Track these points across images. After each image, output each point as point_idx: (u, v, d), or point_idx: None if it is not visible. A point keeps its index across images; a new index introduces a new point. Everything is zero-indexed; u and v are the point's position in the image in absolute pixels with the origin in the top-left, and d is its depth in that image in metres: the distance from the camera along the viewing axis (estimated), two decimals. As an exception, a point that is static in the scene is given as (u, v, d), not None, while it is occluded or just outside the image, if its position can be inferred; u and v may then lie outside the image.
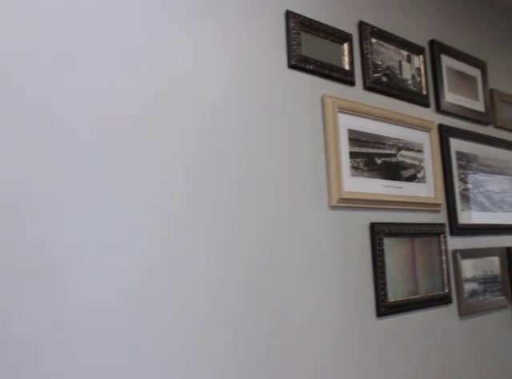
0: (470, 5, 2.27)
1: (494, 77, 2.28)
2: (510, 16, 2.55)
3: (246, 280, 1.20)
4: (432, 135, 1.82)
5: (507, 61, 2.44)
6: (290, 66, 1.40)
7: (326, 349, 1.35)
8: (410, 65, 1.82)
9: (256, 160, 1.27)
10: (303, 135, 1.40)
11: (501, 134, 2.24)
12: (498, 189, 2.13)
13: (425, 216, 1.75)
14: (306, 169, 1.39)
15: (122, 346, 0.97)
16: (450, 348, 1.76)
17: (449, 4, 2.13)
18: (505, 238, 2.14)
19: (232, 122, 1.24)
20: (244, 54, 1.30)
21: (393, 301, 1.55)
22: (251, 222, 1.23)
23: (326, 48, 1.53)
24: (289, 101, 1.39)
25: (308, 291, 1.33)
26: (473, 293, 1.89)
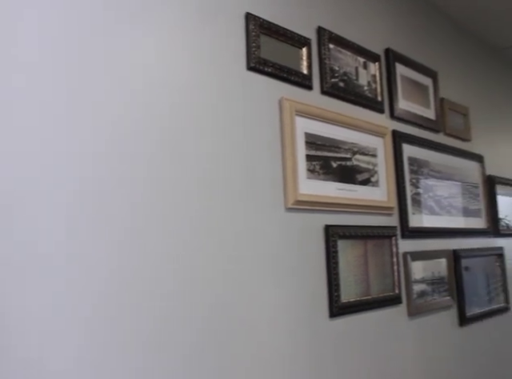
0: (424, 16, 2.35)
1: (445, 87, 2.38)
2: (459, 29, 2.66)
3: (198, 280, 1.19)
4: (386, 140, 1.87)
5: (456, 72, 2.54)
6: (248, 68, 1.41)
7: (279, 349, 1.37)
8: (366, 71, 1.87)
9: (212, 160, 1.27)
10: (260, 137, 1.42)
11: (450, 142, 2.33)
12: (446, 194, 2.22)
13: (377, 219, 1.80)
14: (262, 171, 1.40)
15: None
16: (399, 346, 1.81)
17: (404, 15, 2.20)
18: (452, 241, 2.22)
19: (189, 122, 1.23)
20: (203, 55, 1.30)
21: (346, 302, 1.58)
22: (206, 223, 1.23)
23: (285, 51, 1.55)
24: (247, 103, 1.40)
25: (262, 292, 1.34)
26: (421, 293, 1.95)
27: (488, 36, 2.86)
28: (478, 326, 2.32)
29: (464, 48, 2.67)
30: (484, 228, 2.48)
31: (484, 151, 2.62)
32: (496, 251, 2.57)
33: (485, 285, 2.43)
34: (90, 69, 1.05)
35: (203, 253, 1.21)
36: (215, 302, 1.22)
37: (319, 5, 1.73)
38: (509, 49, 3.06)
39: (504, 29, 2.77)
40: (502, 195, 2.73)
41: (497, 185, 2.66)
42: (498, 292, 2.52)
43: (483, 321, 2.37)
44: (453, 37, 2.58)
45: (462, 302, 2.19)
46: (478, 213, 2.46)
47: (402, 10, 2.19)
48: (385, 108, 1.94)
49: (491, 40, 2.92)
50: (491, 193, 2.60)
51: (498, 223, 2.61)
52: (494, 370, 2.41)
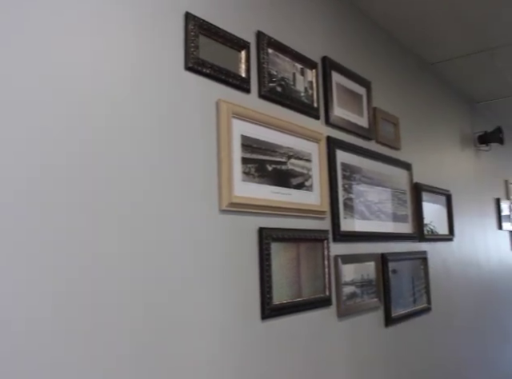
0: (361, 28, 2.44)
1: (377, 97, 2.47)
2: (393, 43, 2.78)
3: (127, 281, 1.17)
4: (320, 146, 1.92)
5: (388, 83, 2.65)
6: (186, 68, 1.40)
7: (209, 351, 1.36)
8: (303, 78, 1.91)
9: (146, 160, 1.25)
10: (196, 138, 1.41)
11: (381, 149, 2.43)
12: (376, 199, 2.31)
13: (310, 222, 1.84)
14: (197, 172, 1.40)
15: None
16: (329, 347, 1.86)
17: (341, 25, 2.27)
18: (380, 245, 2.31)
19: (123, 121, 1.21)
20: (140, 53, 1.27)
21: (278, 304, 1.61)
22: (137, 224, 1.21)
23: (224, 54, 1.55)
24: (184, 103, 1.38)
25: (193, 293, 1.34)
26: (351, 295, 2.02)
27: (419, 51, 3.01)
28: (402, 326, 2.42)
29: (396, 61, 2.80)
30: (410, 233, 2.60)
31: (412, 159, 2.75)
32: (421, 255, 2.70)
33: (410, 287, 2.54)
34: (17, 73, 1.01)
35: (133, 255, 1.18)
36: (144, 303, 1.20)
37: (260, 10, 1.75)
38: (437, 65, 3.23)
39: (433, 45, 2.92)
40: (428, 202, 2.87)
41: (423, 192, 2.80)
42: (421, 293, 2.65)
43: (407, 321, 2.48)
44: (387, 50, 2.69)
45: (389, 303, 2.28)
46: (406, 218, 2.58)
47: (340, 21, 2.26)
48: (320, 114, 1.99)
49: (421, 55, 3.07)
50: (417, 200, 2.73)
51: (423, 228, 2.75)
52: (417, 367, 2.52)
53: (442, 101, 3.41)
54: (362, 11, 2.46)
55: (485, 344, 3.55)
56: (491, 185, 4.23)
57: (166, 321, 1.24)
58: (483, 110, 4.30)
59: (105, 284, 1.11)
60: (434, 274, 2.85)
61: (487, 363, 3.55)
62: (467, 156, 3.75)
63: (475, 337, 3.38)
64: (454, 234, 3.19)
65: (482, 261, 3.69)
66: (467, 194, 3.61)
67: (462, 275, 3.29)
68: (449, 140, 3.42)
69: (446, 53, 3.07)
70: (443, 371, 2.83)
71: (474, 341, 3.35)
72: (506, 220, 4.40)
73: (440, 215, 3.09)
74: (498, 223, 4.25)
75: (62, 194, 1.05)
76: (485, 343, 3.55)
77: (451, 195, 3.22)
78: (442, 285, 2.96)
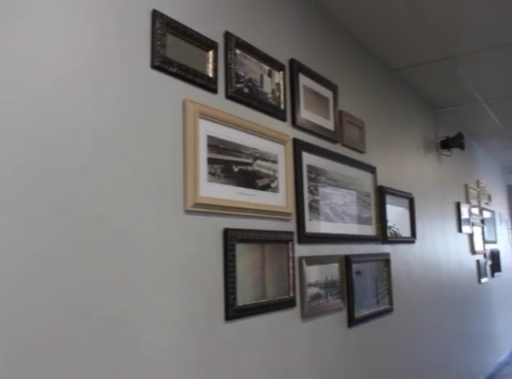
0: (329, 32, 2.46)
1: (344, 100, 2.50)
2: (360, 47, 2.82)
3: (85, 282, 1.15)
4: (287, 148, 1.93)
5: (355, 87, 2.69)
6: (153, 67, 1.38)
7: (171, 353, 1.35)
8: (270, 79, 1.91)
9: (109, 159, 1.23)
10: (162, 138, 1.39)
11: (346, 152, 2.46)
12: (341, 202, 2.34)
13: (276, 224, 1.84)
14: (162, 172, 1.38)
15: None
16: (293, 348, 1.87)
17: (310, 28, 2.29)
18: (345, 247, 2.34)
19: (87, 118, 1.18)
20: (104, 50, 1.25)
21: (242, 305, 1.60)
22: (98, 223, 1.19)
23: (192, 53, 1.54)
24: (149, 102, 1.37)
25: (154, 295, 1.32)
26: (315, 296, 2.03)
27: (385, 56, 3.06)
28: (365, 327, 2.46)
29: (363, 65, 2.84)
30: (374, 235, 2.65)
31: (376, 163, 2.80)
32: (384, 257, 2.75)
33: (373, 288, 2.58)
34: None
35: (92, 255, 1.16)
36: (102, 304, 1.17)
37: (228, 10, 1.74)
38: (402, 70, 3.30)
39: (398, 51, 2.98)
40: (391, 204, 2.93)
41: (386, 195, 2.85)
42: (383, 295, 2.70)
43: (370, 322, 2.52)
44: (354, 54, 2.73)
45: (352, 304, 2.31)
46: (369, 220, 2.62)
47: (308, 24, 2.28)
48: (287, 116, 2.00)
49: (387, 60, 3.13)
50: (381, 203, 2.78)
51: (386, 231, 2.80)
52: (380, 367, 2.57)
53: (406, 107, 3.48)
54: (329, 15, 2.48)
55: (445, 343, 3.64)
56: (452, 189, 4.35)
57: (124, 324, 1.22)
58: (445, 116, 4.42)
59: (56, 287, 1.08)
60: (396, 276, 2.91)
61: (446, 361, 3.65)
62: (430, 160, 3.84)
63: (435, 337, 3.47)
64: (415, 237, 3.27)
65: (442, 263, 3.79)
66: (429, 198, 3.70)
67: (423, 276, 3.37)
68: (412, 144, 3.49)
69: (410, 60, 3.14)
70: (404, 370, 2.88)
71: (433, 340, 3.43)
72: (465, 223, 4.53)
73: (403, 218, 3.16)
74: (458, 226, 4.37)
75: (18, 200, 1.02)
76: (445, 342, 3.65)
77: (414, 198, 3.30)
78: (404, 287, 3.02)
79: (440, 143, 4.05)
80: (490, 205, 5.93)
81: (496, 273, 5.67)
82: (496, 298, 5.57)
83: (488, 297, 5.21)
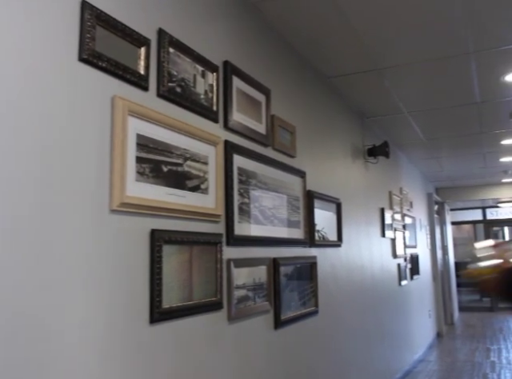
0: (264, 36, 2.49)
1: (276, 105, 2.54)
2: (294, 54, 2.87)
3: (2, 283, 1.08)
4: (218, 150, 1.93)
5: (287, 92, 2.73)
6: (80, 60, 1.33)
7: (93, 357, 1.30)
8: (203, 80, 1.90)
9: (31, 154, 1.17)
10: (88, 134, 1.34)
11: (277, 156, 2.49)
12: (271, 205, 2.36)
13: (204, 225, 1.83)
14: (87, 170, 1.33)
15: None
16: (219, 350, 1.86)
17: (245, 31, 2.30)
18: (273, 250, 2.37)
19: (8, 111, 1.11)
20: (27, 38, 1.19)
21: (167, 307, 1.58)
22: (14, 222, 1.12)
23: (123, 48, 1.50)
24: (76, 95, 1.31)
25: (75, 296, 1.27)
26: (242, 298, 2.04)
27: (317, 64, 3.14)
28: (291, 328, 2.50)
29: (296, 71, 2.89)
30: (302, 238, 2.70)
31: (306, 167, 2.86)
32: (311, 260, 2.81)
33: (299, 290, 2.64)
34: None
35: (9, 255, 1.09)
36: (19, 305, 1.11)
37: (163, 7, 1.71)
38: (333, 79, 3.40)
39: (330, 60, 3.07)
40: (320, 209, 3.00)
41: (315, 200, 2.92)
42: (310, 297, 2.76)
43: (296, 324, 2.56)
44: (287, 60, 2.78)
45: (278, 307, 2.34)
46: (298, 224, 2.67)
47: (244, 27, 2.29)
48: (219, 118, 1.99)
49: (319, 68, 3.21)
50: (310, 207, 2.84)
51: (314, 234, 2.86)
52: (304, 367, 2.62)
53: (336, 114, 3.59)
54: (265, 20, 2.51)
55: (367, 343, 3.78)
56: (377, 195, 4.54)
57: (46, 324, 1.17)
58: (373, 125, 4.60)
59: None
60: (323, 278, 2.98)
61: (367, 360, 3.79)
62: (357, 167, 3.98)
63: (358, 337, 3.59)
64: (342, 240, 3.37)
65: (366, 266, 3.94)
66: (355, 203, 3.84)
67: (348, 279, 3.48)
68: (341, 151, 3.61)
69: (341, 69, 3.24)
70: (328, 370, 2.96)
71: (356, 340, 3.55)
72: (388, 228, 4.73)
73: (330, 222, 3.25)
74: (382, 231, 4.56)
75: None
76: (367, 342, 3.79)
77: (341, 203, 3.40)
78: (330, 289, 3.11)
79: (367, 151, 4.21)
80: (412, 211, 6.24)
81: (415, 276, 5.97)
82: (414, 300, 5.87)
83: (407, 298, 5.48)
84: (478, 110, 4.25)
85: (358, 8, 2.42)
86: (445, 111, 4.26)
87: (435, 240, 7.95)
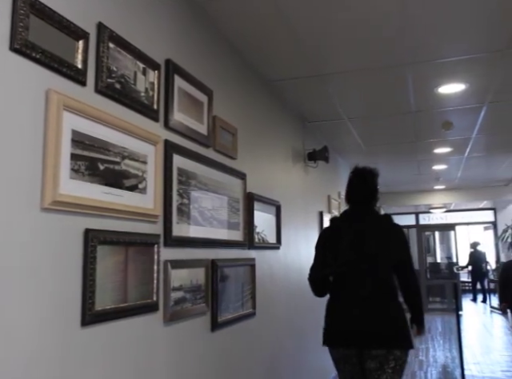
0: (208, 37, 2.47)
1: (218, 106, 2.53)
2: (238, 56, 2.88)
3: None
4: (157, 149, 1.90)
5: (229, 93, 2.74)
6: (12, 49, 1.27)
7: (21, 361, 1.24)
8: (144, 78, 1.87)
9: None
10: (19, 129, 1.28)
11: (218, 158, 2.48)
12: (210, 206, 2.35)
13: (142, 226, 1.79)
14: (17, 166, 1.27)
15: None
16: (154, 353, 1.83)
17: (189, 31, 2.28)
18: (212, 251, 2.36)
19: None
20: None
21: (100, 309, 1.53)
22: None
23: (59, 41, 1.45)
24: (6, 87, 1.25)
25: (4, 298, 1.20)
26: (179, 300, 2.02)
27: (260, 68, 3.16)
28: (228, 331, 2.50)
29: (240, 73, 2.90)
30: (241, 240, 2.70)
31: (247, 169, 2.87)
32: (249, 262, 2.82)
33: (237, 292, 2.64)
34: None
35: None
36: None
37: (104, 1, 1.67)
38: (276, 83, 3.44)
39: (273, 64, 3.10)
40: (259, 211, 3.02)
41: (255, 202, 2.93)
42: (247, 299, 2.77)
43: (233, 326, 2.56)
44: (231, 62, 2.78)
45: (216, 309, 2.33)
46: (237, 226, 2.67)
47: (188, 26, 2.27)
48: (160, 117, 1.96)
49: (262, 72, 3.23)
50: (250, 209, 2.85)
51: (253, 236, 2.88)
52: (241, 369, 2.62)
53: (278, 117, 3.63)
54: (210, 21, 2.50)
55: (304, 343, 3.84)
56: (316, 199, 4.63)
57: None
58: (314, 130, 4.69)
59: None
60: (261, 280, 3.00)
61: (305, 361, 3.85)
62: (297, 170, 4.05)
63: (295, 337, 3.64)
64: (281, 243, 3.41)
65: (303, 268, 4.00)
66: (295, 206, 3.89)
67: (286, 281, 3.53)
68: (282, 154, 3.65)
69: (284, 74, 3.28)
70: (264, 371, 2.98)
71: (294, 340, 3.60)
72: (326, 231, 4.83)
73: (270, 224, 3.28)
74: (320, 234, 4.65)
75: None
76: (304, 342, 3.85)
77: (281, 206, 3.44)
78: (267, 291, 3.13)
79: (307, 155, 4.29)
80: (349, 215, 6.41)
81: (351, 278, 6.12)
82: (349, 302, 6.01)
83: (343, 300, 5.61)
84: (413, 120, 4.44)
85: (302, 15, 2.46)
86: (382, 119, 4.42)
87: (371, 243, 8.18)
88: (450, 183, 8.55)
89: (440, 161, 6.48)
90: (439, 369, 5.49)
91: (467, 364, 5.51)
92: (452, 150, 5.79)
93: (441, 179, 7.96)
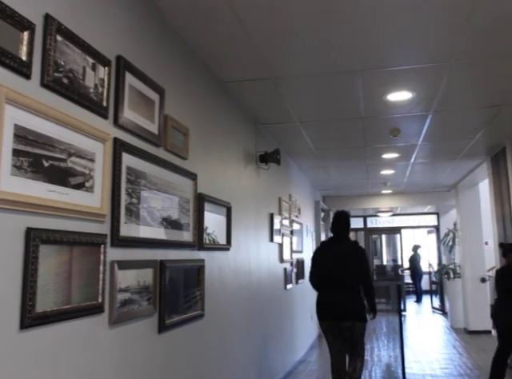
0: (162, 35, 2.44)
1: (170, 105, 2.50)
2: (191, 56, 2.86)
3: None
4: (106, 147, 1.85)
5: (182, 93, 2.71)
6: (-50, 38, 1.20)
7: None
8: (94, 74, 1.82)
9: None
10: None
11: (169, 157, 2.45)
12: (160, 206, 2.32)
13: (88, 225, 1.74)
14: (-46, 159, 1.20)
15: None
16: (98, 356, 1.78)
17: (142, 28, 2.24)
18: (160, 252, 2.32)
19: None
20: None
21: (41, 312, 1.47)
22: None
23: (2, 30, 1.38)
24: None
25: None
26: (125, 302, 1.97)
27: (215, 68, 3.15)
28: (176, 332, 2.47)
29: (193, 73, 2.88)
30: (191, 241, 2.68)
31: (198, 170, 2.85)
32: (199, 263, 2.80)
33: (186, 294, 2.61)
34: None
35: None
36: None
37: (51, -8, 1.61)
38: (229, 84, 3.43)
39: (228, 65, 3.10)
40: (210, 212, 3.01)
41: (206, 203, 2.92)
42: (196, 300, 2.75)
43: (181, 328, 2.53)
44: (185, 61, 2.75)
45: (163, 310, 2.30)
46: (187, 227, 2.65)
47: (141, 23, 2.23)
48: (109, 114, 1.91)
49: (217, 72, 3.22)
50: (200, 210, 2.83)
51: (203, 237, 2.86)
52: (188, 371, 2.59)
53: (230, 119, 3.63)
54: (164, 19, 2.47)
55: (252, 344, 3.85)
56: (267, 200, 4.66)
57: None
58: (266, 132, 4.72)
59: None
60: (210, 281, 2.98)
61: (253, 362, 3.86)
62: (249, 172, 4.06)
63: (244, 339, 3.65)
64: (231, 244, 3.40)
65: (253, 270, 4.02)
66: (246, 208, 3.90)
67: (235, 282, 3.52)
68: (233, 155, 3.65)
69: (237, 75, 3.28)
70: (213, 373, 2.96)
71: (242, 342, 3.60)
72: (276, 233, 4.88)
73: (221, 225, 3.27)
74: (270, 236, 4.68)
75: None
76: (252, 344, 3.86)
77: (231, 207, 3.44)
78: (217, 292, 3.12)
79: (259, 157, 4.31)
80: (300, 217, 6.50)
81: (300, 280, 6.22)
82: (298, 303, 6.11)
83: (291, 301, 5.68)
84: (363, 125, 4.55)
85: (257, 17, 2.47)
86: (333, 123, 4.50)
87: (320, 245, 8.34)
88: (397, 188, 8.82)
89: (388, 166, 6.68)
90: (383, 367, 5.64)
91: (409, 362, 5.70)
92: (399, 156, 5.98)
93: (388, 184, 8.20)
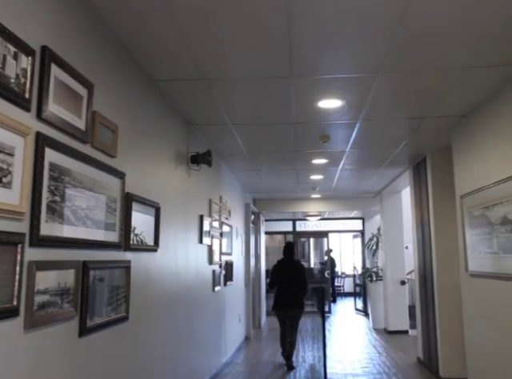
0: (92, 28, 2.36)
1: (99, 101, 2.42)
2: (123, 52, 2.78)
3: None
4: (27, 141, 1.76)
5: (112, 89, 2.63)
6: None
7: None
8: (16, 63, 1.72)
9: None
10: None
11: (96, 155, 2.37)
12: (84, 205, 2.23)
13: (3, 223, 1.65)
14: None
15: None
16: (12, 363, 1.68)
17: (72, 18, 2.15)
18: (84, 252, 2.24)
19: None
20: None
21: None
22: None
23: None
24: None
25: None
26: (44, 304, 1.88)
27: (146, 65, 3.08)
28: (98, 335, 2.38)
29: (125, 69, 2.80)
30: (117, 242, 2.60)
31: (126, 169, 2.77)
32: (124, 264, 2.72)
33: (110, 296, 2.53)
34: None
35: None
36: None
37: (-30, -27, 1.51)
38: (161, 82, 3.38)
39: (160, 63, 3.05)
40: (138, 212, 2.94)
41: (134, 203, 2.85)
42: (121, 302, 2.67)
43: (104, 331, 2.45)
44: (116, 57, 2.68)
45: (85, 313, 2.21)
46: (113, 227, 2.57)
47: (70, 13, 2.14)
48: (32, 107, 1.82)
49: (148, 70, 3.16)
50: (128, 210, 2.76)
51: (129, 238, 2.78)
52: (109, 375, 2.51)
53: (162, 118, 3.57)
54: (94, 11, 2.38)
55: (178, 347, 3.80)
56: (197, 202, 4.63)
57: None
58: (198, 133, 4.69)
59: None
60: (136, 283, 2.91)
61: (178, 365, 3.80)
62: (179, 173, 4.01)
63: (170, 341, 3.59)
64: (158, 245, 3.34)
65: (181, 271, 3.97)
66: (175, 208, 3.85)
67: (163, 284, 3.47)
68: (164, 155, 3.59)
69: (169, 74, 3.24)
70: (139, 376, 2.89)
71: (168, 344, 3.54)
72: (206, 235, 4.85)
73: (149, 226, 3.20)
74: (200, 237, 4.65)
75: None
76: (178, 346, 3.80)
77: (160, 208, 3.38)
78: (143, 294, 3.05)
79: (190, 158, 4.27)
80: (230, 219, 6.51)
81: (228, 282, 6.22)
82: (226, 305, 6.11)
83: (220, 303, 5.68)
84: (294, 130, 4.64)
85: (192, 17, 2.45)
86: (266, 127, 4.56)
87: (249, 248, 8.41)
88: (325, 193, 9.07)
89: (317, 171, 6.85)
90: (307, 368, 5.77)
91: (332, 362, 5.87)
92: (328, 162, 6.16)
93: (317, 188, 8.41)
